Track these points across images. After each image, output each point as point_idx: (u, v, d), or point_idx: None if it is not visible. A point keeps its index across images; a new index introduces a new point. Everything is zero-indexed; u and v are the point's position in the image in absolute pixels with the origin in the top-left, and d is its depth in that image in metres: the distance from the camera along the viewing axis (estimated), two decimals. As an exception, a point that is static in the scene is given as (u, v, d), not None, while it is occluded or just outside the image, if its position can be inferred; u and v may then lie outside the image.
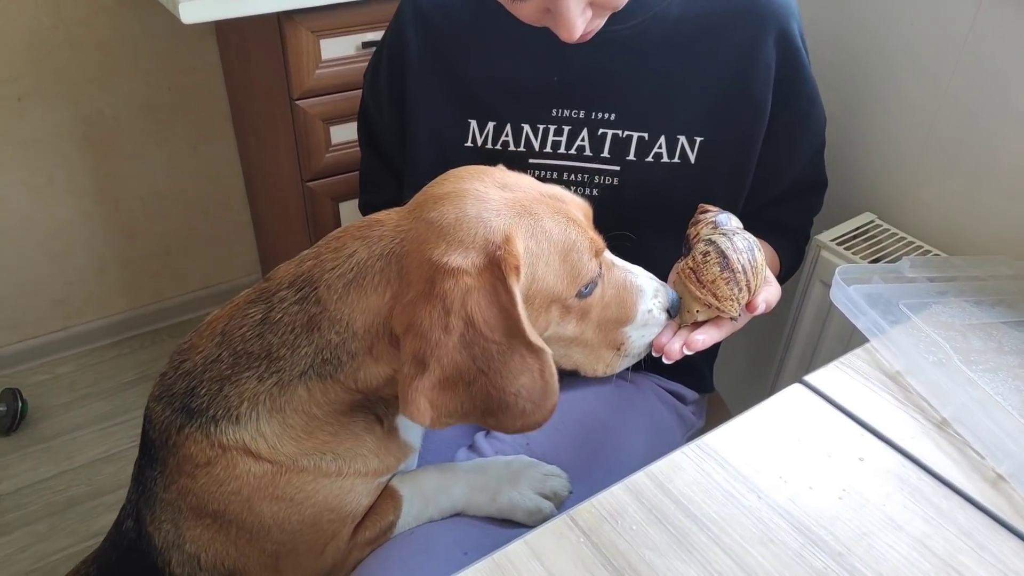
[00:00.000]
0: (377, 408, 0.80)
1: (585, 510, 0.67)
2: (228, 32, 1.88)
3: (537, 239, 0.72)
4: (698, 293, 0.80)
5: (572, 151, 0.99)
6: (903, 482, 0.71)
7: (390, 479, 0.87)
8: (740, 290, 0.79)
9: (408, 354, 0.68)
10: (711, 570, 0.62)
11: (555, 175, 1.00)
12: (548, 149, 1.00)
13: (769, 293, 0.84)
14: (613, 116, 0.98)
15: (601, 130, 0.98)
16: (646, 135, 0.97)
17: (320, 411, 0.76)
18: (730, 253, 0.79)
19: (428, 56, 1.03)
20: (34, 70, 1.82)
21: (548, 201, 0.75)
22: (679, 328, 0.83)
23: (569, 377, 1.09)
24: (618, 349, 0.82)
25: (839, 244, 1.14)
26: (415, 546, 0.83)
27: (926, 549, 0.65)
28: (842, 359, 0.85)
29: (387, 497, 0.86)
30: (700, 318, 0.82)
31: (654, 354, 0.82)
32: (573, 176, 1.00)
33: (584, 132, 0.98)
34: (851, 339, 1.13)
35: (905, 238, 1.16)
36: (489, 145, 1.02)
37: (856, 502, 0.69)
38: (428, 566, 0.81)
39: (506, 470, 0.88)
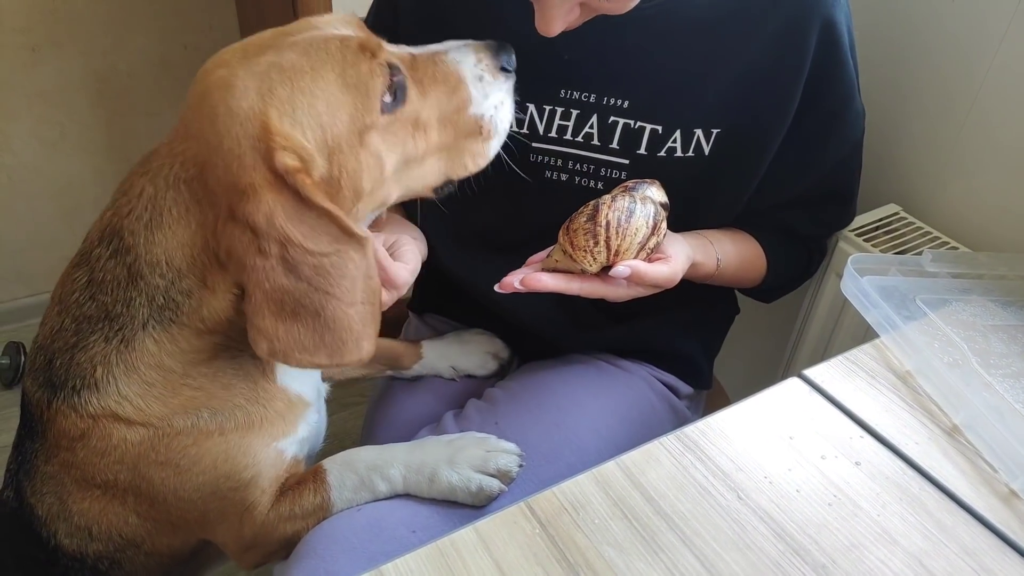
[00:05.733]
0: (244, 347, 0.73)
1: (544, 499, 0.62)
2: (245, -10, 1.83)
3: (300, 92, 0.64)
4: (561, 239, 0.77)
5: (579, 138, 0.90)
6: (903, 492, 0.64)
7: (308, 449, 0.85)
8: (596, 244, 0.74)
9: (233, 284, 0.66)
10: (676, 574, 0.57)
11: (559, 162, 0.92)
12: (553, 134, 0.91)
13: (650, 268, 0.77)
14: (626, 104, 0.88)
15: (612, 118, 0.89)
16: (660, 128, 0.88)
17: (176, 363, 0.72)
18: (602, 208, 0.75)
19: (423, 13, 0.94)
20: (48, 20, 1.79)
21: (292, 38, 0.67)
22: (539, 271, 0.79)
23: (550, 359, 1.03)
24: (480, 133, 0.76)
25: (859, 235, 1.06)
26: (360, 523, 0.79)
27: (922, 568, 0.58)
28: (847, 354, 0.79)
29: (310, 473, 0.82)
30: (560, 267, 0.78)
31: (495, 288, 0.77)
32: (578, 166, 0.92)
33: (594, 118, 0.89)
34: (866, 337, 1.05)
35: (931, 232, 1.08)
36: None
37: (848, 510, 0.62)
38: (372, 544, 0.76)
39: (445, 448, 0.81)
